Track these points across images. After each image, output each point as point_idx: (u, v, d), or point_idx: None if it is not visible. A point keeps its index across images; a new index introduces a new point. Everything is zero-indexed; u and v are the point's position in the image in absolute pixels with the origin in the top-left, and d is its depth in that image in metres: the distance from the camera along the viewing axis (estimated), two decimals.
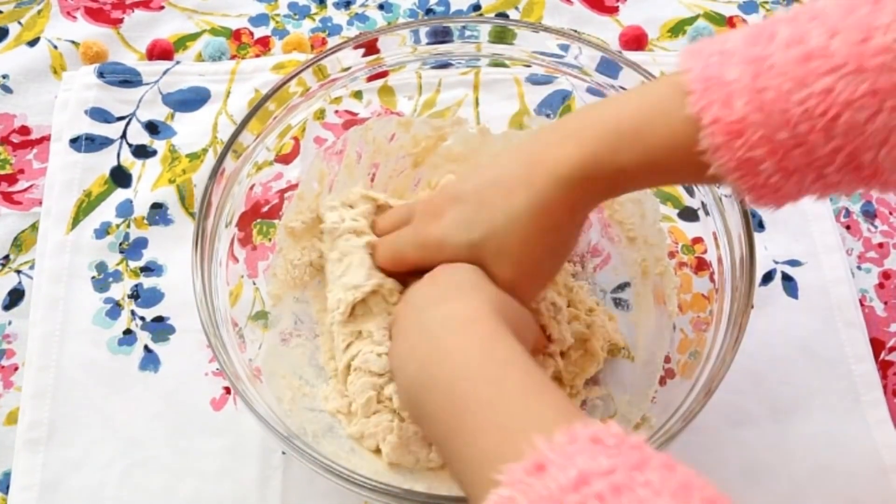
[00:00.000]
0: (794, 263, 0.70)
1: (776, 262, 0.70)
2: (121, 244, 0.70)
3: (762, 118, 0.44)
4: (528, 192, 0.50)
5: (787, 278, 0.69)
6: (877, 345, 0.67)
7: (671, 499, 0.35)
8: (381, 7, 0.83)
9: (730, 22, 0.82)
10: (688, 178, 0.53)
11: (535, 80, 0.72)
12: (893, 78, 0.42)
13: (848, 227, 0.72)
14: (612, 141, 0.48)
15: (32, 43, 0.80)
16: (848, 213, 0.73)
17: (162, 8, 0.82)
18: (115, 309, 0.67)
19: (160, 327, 0.67)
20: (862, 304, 0.68)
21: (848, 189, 0.46)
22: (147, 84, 0.77)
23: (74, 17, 0.81)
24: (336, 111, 0.69)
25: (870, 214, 0.73)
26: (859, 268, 0.70)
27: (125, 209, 0.71)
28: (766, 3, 0.83)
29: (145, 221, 0.71)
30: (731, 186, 0.47)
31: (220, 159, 0.60)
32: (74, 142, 0.73)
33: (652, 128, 0.47)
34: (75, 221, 0.70)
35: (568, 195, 0.49)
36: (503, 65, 0.68)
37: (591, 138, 0.49)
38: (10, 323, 0.67)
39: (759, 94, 0.44)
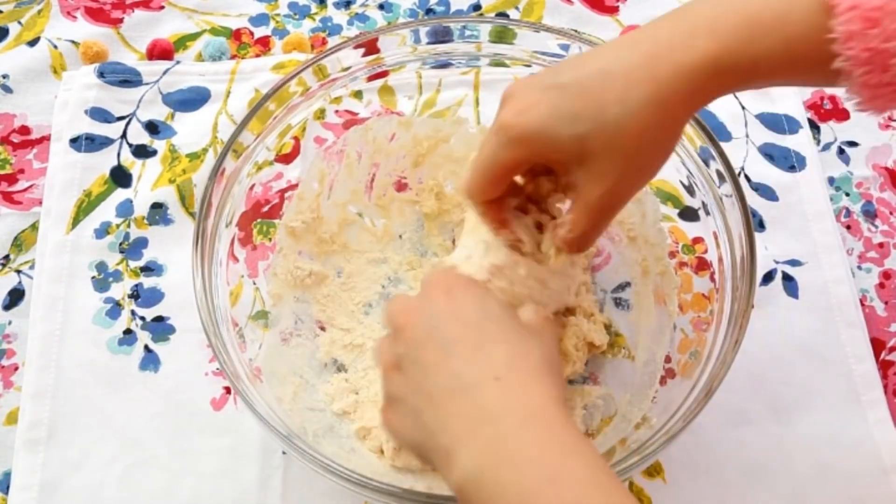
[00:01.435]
0: (794, 263, 0.69)
1: (776, 262, 0.70)
2: (121, 244, 0.70)
3: None
4: (650, 84, 0.46)
5: (787, 278, 0.69)
6: (877, 344, 0.67)
7: None
8: (381, 7, 0.83)
9: None
10: (814, 74, 0.49)
11: None
12: None
13: (848, 227, 0.72)
14: (750, 31, 0.45)
15: (32, 43, 0.80)
16: (848, 212, 0.73)
17: (162, 8, 0.82)
18: (115, 309, 0.67)
19: (160, 327, 0.67)
20: (862, 304, 0.68)
21: None
22: (147, 84, 0.77)
23: (74, 17, 0.81)
24: (336, 111, 0.69)
25: (870, 214, 0.72)
26: (860, 268, 0.70)
27: (125, 209, 0.71)
28: None
29: (145, 221, 0.70)
30: (852, 84, 0.45)
31: (221, 159, 0.60)
32: (74, 141, 0.73)
33: (791, 15, 0.45)
34: (75, 221, 0.70)
35: (693, 89, 0.47)
36: (503, 64, 0.68)
37: (728, 28, 0.46)
38: (10, 323, 0.67)
39: None
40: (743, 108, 0.76)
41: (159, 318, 0.67)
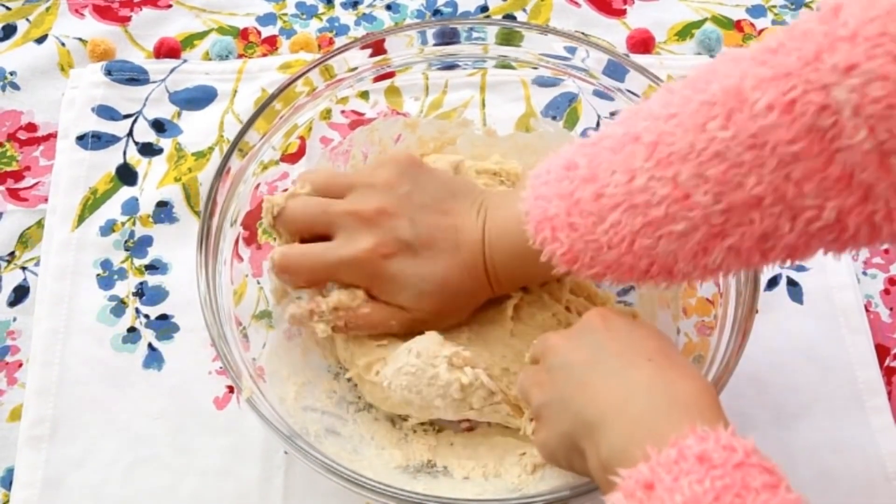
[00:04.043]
0: (799, 268, 0.69)
1: (781, 267, 0.69)
2: (126, 242, 0.70)
3: (584, 246, 0.50)
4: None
5: (792, 283, 0.69)
6: (882, 351, 0.67)
7: None
8: (388, 7, 0.83)
9: (737, 26, 0.81)
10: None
11: (542, 83, 0.72)
12: (659, 211, 0.46)
13: None
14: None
15: (40, 40, 0.80)
16: None
17: (170, 6, 0.82)
18: (119, 306, 0.67)
19: (164, 325, 0.67)
20: (867, 310, 0.68)
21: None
22: (154, 82, 0.77)
23: (82, 15, 0.82)
24: (342, 111, 0.69)
25: None
26: (865, 273, 0.70)
27: (131, 207, 0.71)
28: (774, 7, 0.83)
29: (151, 219, 0.71)
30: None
31: (226, 158, 0.60)
32: (81, 139, 0.74)
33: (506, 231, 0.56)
34: (81, 219, 0.70)
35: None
36: (510, 67, 0.68)
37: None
38: (14, 319, 0.67)
39: (574, 230, 0.50)
40: None
41: (163, 317, 0.67)
